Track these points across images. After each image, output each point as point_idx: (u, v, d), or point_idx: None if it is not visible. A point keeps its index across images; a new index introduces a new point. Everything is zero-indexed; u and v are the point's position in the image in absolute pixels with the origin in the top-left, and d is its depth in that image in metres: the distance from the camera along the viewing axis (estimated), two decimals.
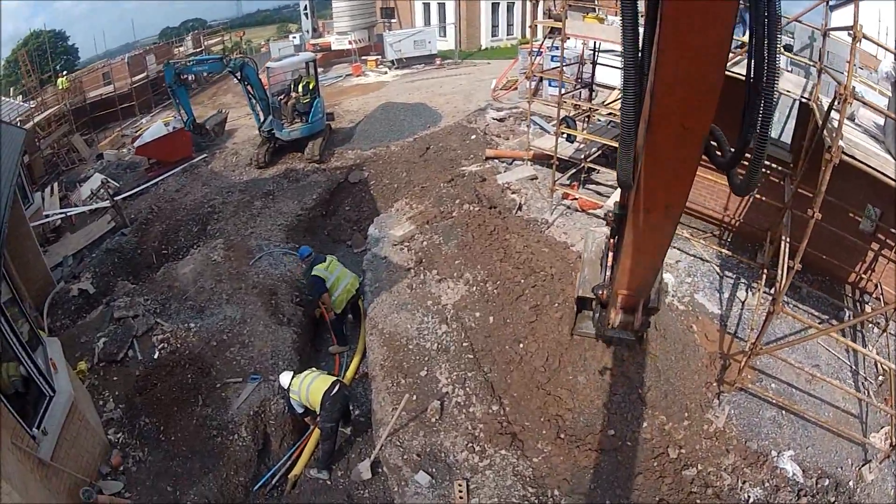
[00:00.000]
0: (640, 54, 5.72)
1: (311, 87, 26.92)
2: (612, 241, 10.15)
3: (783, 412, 12.91)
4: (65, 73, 45.35)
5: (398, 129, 28.17)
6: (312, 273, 15.85)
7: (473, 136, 25.44)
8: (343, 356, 16.74)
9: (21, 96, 40.30)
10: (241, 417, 13.46)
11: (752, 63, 5.05)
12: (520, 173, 20.94)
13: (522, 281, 15.21)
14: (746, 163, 5.50)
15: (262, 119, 27.34)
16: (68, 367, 12.46)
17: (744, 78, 5.21)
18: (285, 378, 13.30)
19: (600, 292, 10.35)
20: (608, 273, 10.43)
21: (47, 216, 24.92)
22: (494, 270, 15.83)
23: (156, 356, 14.56)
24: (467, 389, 13.57)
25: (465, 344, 14.45)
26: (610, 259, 10.33)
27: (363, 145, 27.12)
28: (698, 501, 11.58)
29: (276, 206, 22.51)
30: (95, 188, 27.61)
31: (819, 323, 14.60)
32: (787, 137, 16.16)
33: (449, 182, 20.75)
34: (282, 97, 27.08)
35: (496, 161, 22.43)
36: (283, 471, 13.41)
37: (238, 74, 26.84)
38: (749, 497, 11.72)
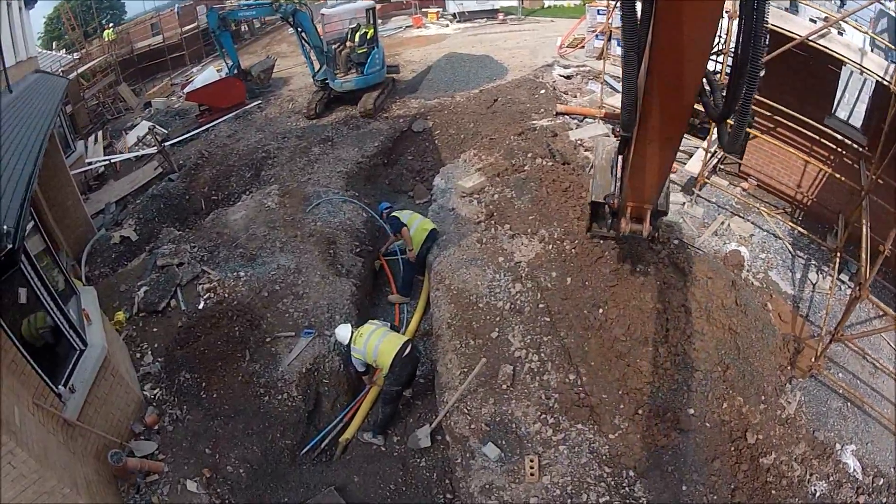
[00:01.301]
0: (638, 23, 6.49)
1: (368, 36, 25.54)
2: (620, 157, 10.54)
3: (848, 404, 12.50)
4: (111, 25, 45.03)
5: (463, 79, 27.27)
6: (393, 214, 15.75)
7: (542, 91, 24.42)
8: (403, 309, 15.99)
9: (64, 49, 40.47)
10: (292, 375, 12.74)
11: (742, 29, 5.79)
12: (592, 131, 20.08)
13: (602, 242, 14.05)
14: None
15: (316, 68, 26.38)
16: (104, 319, 11.94)
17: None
18: (344, 332, 12.41)
19: (611, 201, 11.29)
20: (618, 184, 11.21)
21: (90, 163, 24.71)
22: (572, 229, 14.74)
23: (200, 307, 13.95)
24: (542, 355, 12.36)
25: (540, 305, 13.20)
26: (619, 170, 11.03)
27: (427, 94, 26.23)
28: (773, 492, 10.80)
29: (334, 153, 21.48)
30: (142, 135, 27.28)
31: (883, 314, 13.61)
32: (855, 120, 15.42)
33: (519, 135, 19.66)
34: (337, 46, 25.82)
35: (567, 117, 21.56)
36: (334, 434, 12.73)
37: (290, 20, 25.63)
38: (816, 491, 11.11)
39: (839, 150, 14.94)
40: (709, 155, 16.54)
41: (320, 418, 12.94)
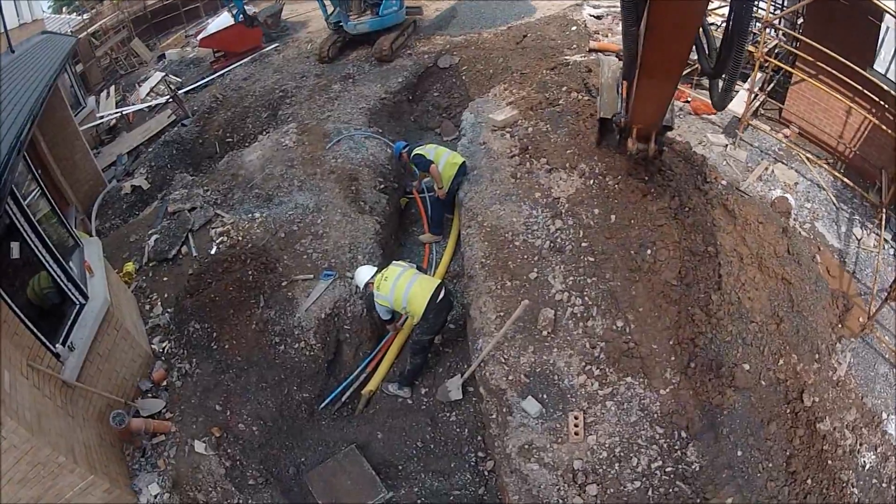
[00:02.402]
0: None
1: None
2: (624, 82, 11.20)
3: (894, 371, 12.09)
4: None
5: (490, 17, 26.43)
6: (415, 154, 14.52)
7: (573, 28, 23.79)
8: (433, 248, 15.17)
9: (74, 13, 40.45)
10: (310, 321, 12.05)
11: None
12: None
13: (648, 178, 13.25)
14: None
15: (329, 10, 24.81)
16: (108, 270, 11.38)
17: None
18: (365, 273, 11.64)
19: (618, 120, 11.94)
20: (624, 104, 11.72)
21: (101, 117, 24.67)
22: (614, 164, 13.80)
23: (213, 252, 13.21)
24: (586, 299, 11.42)
25: (583, 244, 12.24)
26: (624, 92, 11.47)
27: (453, 31, 25.42)
28: (829, 462, 10.04)
29: (356, 90, 20.74)
30: (154, 85, 27.02)
31: None
32: (891, 74, 14.66)
33: (552, 69, 18.75)
34: None
35: (600, 54, 20.36)
36: (356, 386, 12.15)
37: None
38: (865, 463, 10.52)
39: (882, 103, 14.33)
40: (752, 96, 16.19)
41: (341, 369, 12.31)
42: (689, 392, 10.30)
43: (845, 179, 15.37)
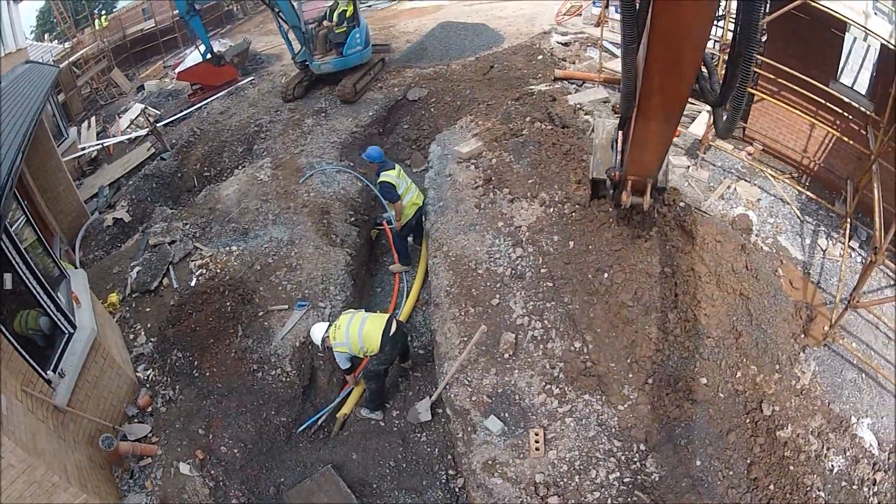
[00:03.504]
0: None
1: (347, 14, 23.72)
2: (620, 132, 10.64)
3: (862, 375, 12.29)
4: (103, 13, 44.99)
5: (458, 48, 26.97)
6: (382, 179, 14.58)
7: (540, 57, 24.27)
8: (403, 277, 15.76)
9: (56, 41, 40.32)
10: (286, 350, 12.69)
11: (738, 17, 6.15)
12: (591, 95, 19.85)
13: (605, 204, 13.70)
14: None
15: (295, 49, 24.63)
16: (94, 301, 11.84)
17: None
18: (319, 331, 11.91)
19: (612, 174, 11.42)
20: (618, 157, 11.32)
21: (83, 149, 24.83)
22: (573, 192, 14.41)
23: (193, 283, 13.82)
24: (545, 322, 11.96)
25: (542, 270, 12.83)
26: (619, 145, 11.05)
27: (422, 63, 25.85)
28: (791, 468, 10.44)
29: (328, 124, 21.23)
30: (134, 118, 27.29)
31: (894, 283, 13.94)
32: (860, 87, 15.10)
33: (517, 100, 19.45)
34: (316, 25, 24.36)
35: (565, 82, 21.31)
36: (331, 410, 12.63)
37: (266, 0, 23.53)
38: (833, 466, 10.83)
39: (846, 114, 14.69)
40: (713, 118, 16.23)
41: (316, 394, 12.78)
42: (647, 407, 10.77)
43: (809, 193, 15.68)
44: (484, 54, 25.57)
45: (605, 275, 12.39)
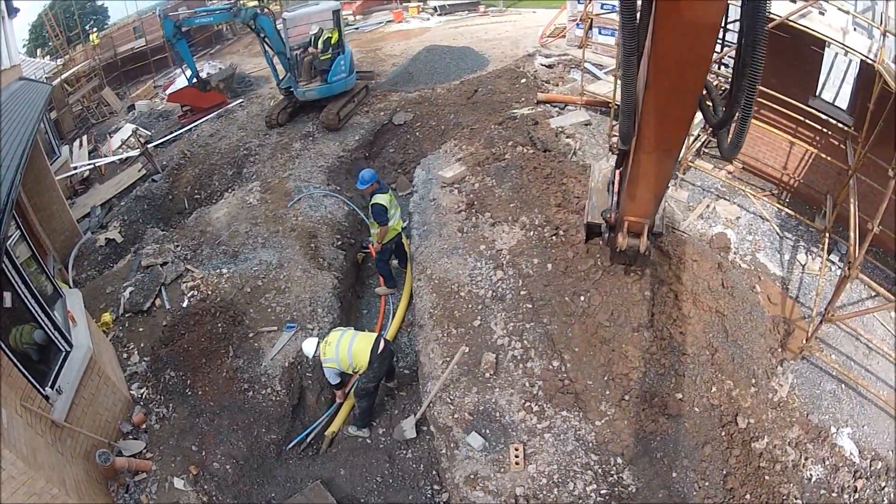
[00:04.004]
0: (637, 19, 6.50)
1: (332, 41, 23.79)
2: (617, 171, 10.64)
3: (842, 386, 12.56)
4: (95, 30, 45.05)
5: (444, 71, 27.26)
6: (376, 201, 14.76)
7: (523, 80, 24.52)
8: (388, 299, 16.11)
9: (48, 56, 40.25)
10: (275, 370, 12.92)
11: (742, 31, 5.65)
12: (573, 118, 20.11)
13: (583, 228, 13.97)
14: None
15: (280, 75, 24.75)
16: (89, 320, 12.05)
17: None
18: (310, 345, 12.28)
19: (608, 216, 11.11)
20: (615, 199, 11.08)
21: (75, 168, 24.94)
22: (553, 216, 14.87)
23: (184, 305, 14.08)
24: (525, 342, 12.41)
25: (522, 293, 13.28)
26: (616, 186, 10.96)
27: (408, 87, 26.12)
28: (766, 477, 10.76)
29: (316, 148, 21.58)
30: (126, 138, 27.44)
31: (874, 295, 13.84)
32: (841, 101, 15.43)
33: (500, 124, 19.80)
34: (301, 52, 24.18)
35: (548, 105, 21.57)
36: (320, 428, 12.84)
37: (251, 26, 23.76)
38: (811, 475, 11.10)
39: (825, 130, 15.05)
40: (692, 139, 16.73)
41: (305, 412, 12.98)
42: (623, 422, 11.15)
43: (788, 210, 15.93)
44: (469, 78, 25.85)
45: (582, 297, 12.82)
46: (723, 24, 11.17)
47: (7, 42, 20.28)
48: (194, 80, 25.81)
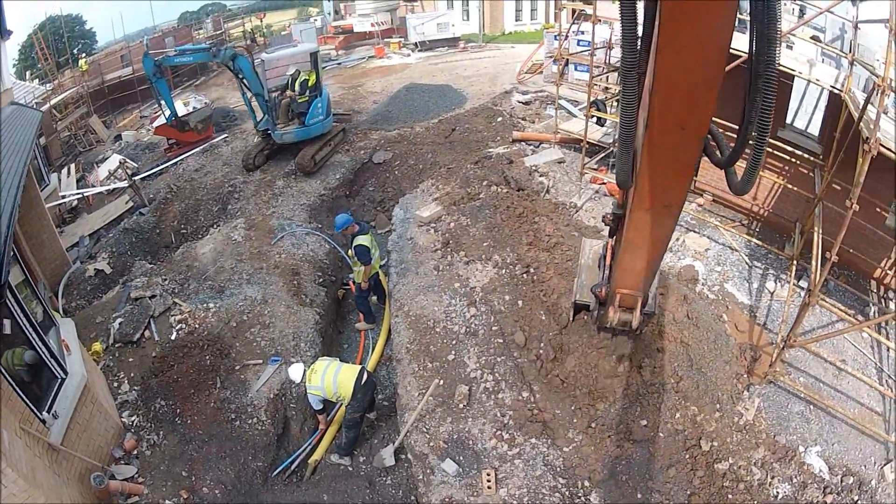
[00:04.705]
0: (638, 54, 5.93)
1: (310, 83, 23.95)
2: (610, 241, 10.23)
3: (811, 407, 12.80)
4: (84, 55, 45.36)
5: (423, 110, 27.66)
6: (359, 243, 15.39)
7: (500, 119, 25.10)
8: (368, 334, 16.64)
9: (37, 80, 40.47)
10: (261, 400, 13.33)
11: (753, 61, 5.12)
12: (547, 156, 20.71)
13: (552, 268, 14.95)
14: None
15: (258, 117, 24.66)
16: (82, 349, 12.43)
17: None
18: (296, 371, 12.88)
19: (599, 290, 10.46)
20: (606, 272, 10.58)
21: (64, 197, 24.92)
22: (524, 254, 15.49)
23: (173, 337, 14.43)
24: (496, 375, 13.07)
25: (494, 328, 13.95)
26: (608, 259, 10.42)
27: (387, 126, 26.51)
28: (730, 496, 11.26)
29: (298, 186, 22.16)
30: (113, 168, 27.51)
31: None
32: (814, 129, 16.00)
33: (475, 163, 20.40)
34: (279, 94, 24.25)
35: (523, 144, 22.15)
36: (304, 456, 13.23)
37: (230, 66, 23.44)
38: (778, 493, 11.49)
39: (793, 160, 15.52)
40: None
41: (289, 441, 13.39)
42: (590, 448, 11.79)
43: (756, 241, 16.48)
44: (447, 116, 26.35)
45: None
46: None
47: (0, 65, 20.47)
48: (172, 120, 25.86)
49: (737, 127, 5.64)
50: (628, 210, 7.54)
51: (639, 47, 5.94)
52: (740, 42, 12.48)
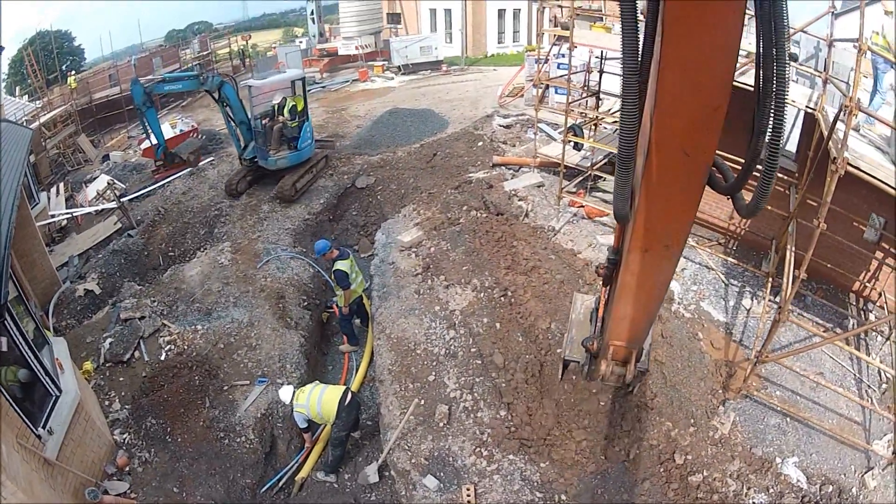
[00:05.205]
0: (640, 60, 5.30)
1: (299, 109, 23.77)
2: (604, 289, 9.50)
3: (788, 419, 13.06)
4: (73, 72, 45.62)
5: (405, 134, 27.89)
6: (338, 268, 15.84)
7: (480, 143, 25.44)
8: (352, 356, 17.07)
9: (27, 96, 40.69)
10: (249, 420, 13.69)
11: (760, 79, 4.77)
12: (526, 180, 21.03)
13: (529, 291, 15.47)
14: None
15: (242, 145, 24.08)
16: (74, 368, 12.75)
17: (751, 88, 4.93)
18: (285, 392, 13.32)
19: (590, 343, 9.52)
20: (599, 324, 9.70)
21: (53, 216, 25.09)
22: (502, 278, 15.95)
23: (162, 358, 14.70)
24: (475, 394, 13.55)
25: (472, 349, 14.44)
26: (601, 311, 9.66)
27: (370, 150, 26.76)
28: None
29: (283, 211, 22.47)
30: (101, 189, 27.59)
31: (823, 331, 14.69)
32: (791, 146, 16.31)
33: (456, 188, 20.86)
34: (266, 120, 23.61)
35: (503, 168, 22.47)
36: (291, 473, 13.56)
37: (216, 95, 22.94)
38: (754, 503, 11.79)
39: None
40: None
41: (277, 459, 13.76)
42: (565, 463, 12.27)
43: (733, 260, 16.82)
44: (429, 140, 26.68)
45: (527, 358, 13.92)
46: None
47: None
48: (161, 154, 24.96)
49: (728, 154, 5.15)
50: (624, 251, 6.89)
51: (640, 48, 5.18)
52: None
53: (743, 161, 5.33)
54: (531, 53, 30.73)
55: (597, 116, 21.42)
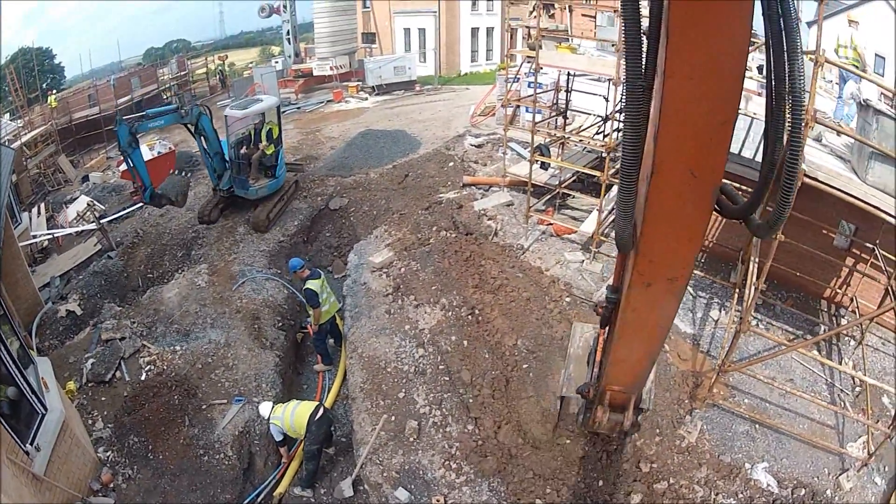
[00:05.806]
0: (644, 63, 5.03)
1: (275, 134, 23.59)
2: (602, 331, 9.14)
3: (756, 426, 13.39)
4: (54, 91, 45.70)
5: (377, 156, 28.20)
6: (308, 286, 16.08)
7: (451, 164, 25.88)
8: (326, 375, 17.40)
9: (8, 115, 40.73)
10: (227, 437, 14.03)
11: (771, 79, 4.58)
12: (496, 200, 21.39)
13: (496, 309, 16.00)
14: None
15: (217, 176, 23.53)
16: (58, 387, 12.91)
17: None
18: (265, 409, 13.76)
19: (586, 391, 9.23)
20: (595, 370, 9.46)
21: (35, 237, 25.29)
22: (470, 296, 16.47)
23: (143, 377, 15.04)
24: (444, 410, 14.11)
25: (441, 367, 15.02)
26: (598, 354, 9.34)
27: (343, 172, 27.02)
28: None
29: (258, 234, 22.67)
30: (81, 210, 27.84)
31: (793, 339, 15.19)
32: (749, 154, 15.79)
33: (426, 209, 21.33)
34: (242, 149, 23.42)
35: (473, 188, 22.87)
36: (269, 489, 13.88)
37: (193, 127, 22.17)
38: None
39: (739, 190, 15.39)
40: (603, 214, 17.59)
41: (255, 475, 14.07)
42: (529, 473, 12.85)
43: (700, 273, 17.06)
44: (401, 161, 27.04)
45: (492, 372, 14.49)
46: None
47: None
48: (148, 197, 22.21)
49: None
50: (625, 287, 6.50)
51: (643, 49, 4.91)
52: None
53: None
54: (502, 73, 31.03)
55: (563, 135, 21.81)
